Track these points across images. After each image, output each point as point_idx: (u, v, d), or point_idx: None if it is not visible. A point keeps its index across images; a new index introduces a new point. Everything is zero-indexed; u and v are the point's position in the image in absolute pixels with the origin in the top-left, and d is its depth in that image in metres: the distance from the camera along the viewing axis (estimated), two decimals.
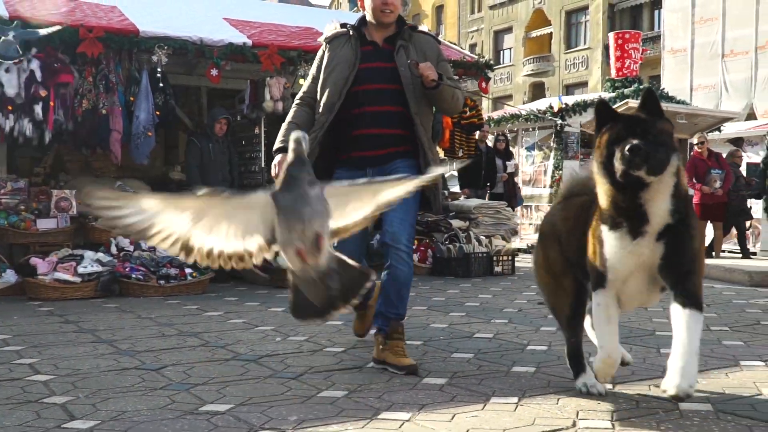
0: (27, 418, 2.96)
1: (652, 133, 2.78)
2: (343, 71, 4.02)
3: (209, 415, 2.98)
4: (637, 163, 2.71)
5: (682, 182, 2.88)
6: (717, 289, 8.06)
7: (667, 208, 2.82)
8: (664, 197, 2.81)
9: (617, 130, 2.83)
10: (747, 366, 3.98)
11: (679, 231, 2.86)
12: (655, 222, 2.84)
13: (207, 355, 4.28)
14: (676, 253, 2.87)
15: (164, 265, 7.58)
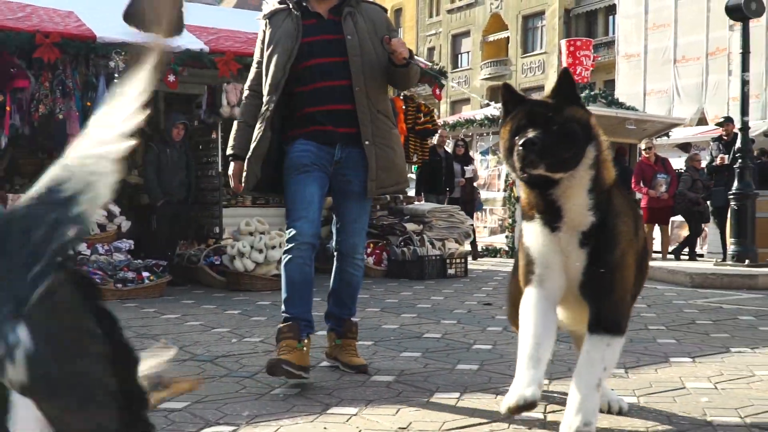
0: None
1: (558, 123, 2.42)
2: (286, 46, 3.82)
3: (166, 412, 3.13)
4: (532, 160, 2.37)
5: (604, 175, 2.52)
6: (660, 290, 8.37)
7: (584, 204, 2.49)
8: (579, 194, 2.48)
9: (518, 118, 2.48)
10: (676, 362, 4.23)
11: (602, 238, 2.52)
12: (570, 218, 2.50)
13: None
14: (596, 264, 2.51)
15: (121, 269, 7.68)
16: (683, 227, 16.36)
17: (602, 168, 2.51)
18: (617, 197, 2.59)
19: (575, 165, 2.43)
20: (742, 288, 8.55)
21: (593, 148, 2.47)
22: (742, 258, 9.75)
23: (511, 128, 2.50)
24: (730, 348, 4.70)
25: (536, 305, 2.59)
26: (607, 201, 2.53)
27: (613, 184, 2.59)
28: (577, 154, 2.43)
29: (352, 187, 3.89)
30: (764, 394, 3.45)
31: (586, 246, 2.51)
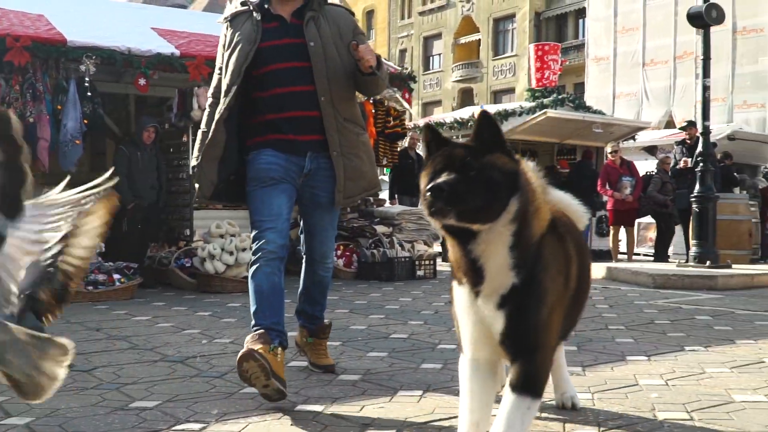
0: None
1: (476, 168, 2.18)
2: (243, 48, 3.68)
3: (138, 411, 3.24)
4: (441, 208, 2.12)
5: (529, 230, 2.27)
6: (623, 291, 8.56)
7: (504, 263, 2.25)
8: (499, 250, 2.24)
9: (436, 162, 2.26)
10: (632, 360, 4.39)
11: (524, 296, 2.29)
12: (490, 280, 2.28)
13: (136, 357, 4.52)
14: (516, 324, 2.31)
15: (92, 272, 7.73)
16: (649, 228, 16.67)
17: (530, 220, 2.26)
18: (548, 247, 2.35)
19: (494, 217, 2.17)
20: (702, 288, 8.78)
21: (518, 199, 2.20)
22: (704, 259, 9.99)
23: (429, 173, 2.26)
24: (685, 347, 4.88)
25: (471, 376, 2.49)
26: (536, 256, 2.30)
27: (546, 231, 2.36)
28: (494, 205, 2.17)
29: (321, 198, 3.82)
30: (712, 390, 3.62)
31: (503, 308, 2.29)
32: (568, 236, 2.52)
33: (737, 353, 4.67)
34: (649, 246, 16.37)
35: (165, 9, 11.30)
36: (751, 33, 27.18)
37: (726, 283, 8.86)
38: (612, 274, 10.06)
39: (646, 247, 16.42)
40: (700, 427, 2.99)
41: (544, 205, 2.34)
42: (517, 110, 14.49)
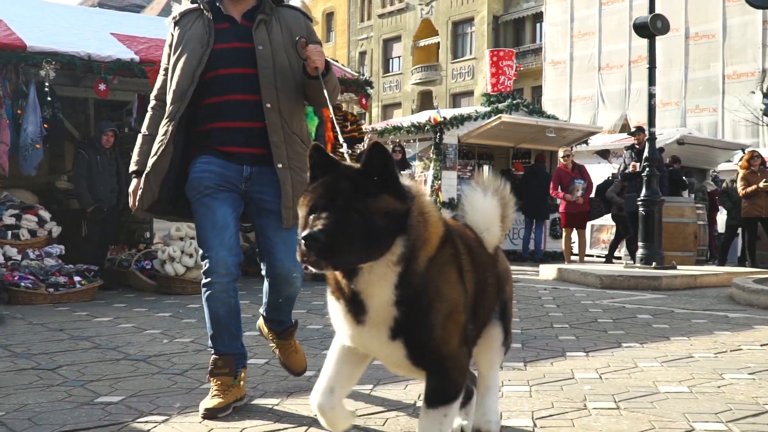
0: None
1: (359, 211, 2.07)
2: (195, 51, 3.42)
3: (103, 405, 3.44)
4: (315, 261, 2.04)
5: (416, 263, 2.19)
6: (571, 291, 8.88)
7: (388, 300, 2.19)
8: (384, 289, 2.18)
9: (318, 193, 2.14)
10: (571, 356, 4.68)
11: (413, 323, 2.22)
12: (374, 315, 2.22)
13: (99, 356, 4.69)
14: (414, 350, 2.25)
15: (53, 274, 7.86)
16: (602, 230, 17.11)
17: (418, 253, 2.18)
18: (437, 266, 2.25)
19: (375, 258, 2.11)
20: (647, 289, 9.13)
21: (403, 241, 2.13)
22: (649, 261, 10.36)
23: (307, 204, 2.16)
24: (622, 343, 5.18)
25: (342, 352, 2.50)
26: (424, 285, 2.21)
27: (437, 250, 2.26)
28: (376, 250, 2.10)
29: (268, 205, 3.47)
30: (641, 383, 3.90)
31: (398, 337, 2.23)
32: (465, 251, 2.40)
33: (670, 349, 4.98)
34: (602, 248, 16.82)
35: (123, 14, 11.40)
36: (702, 39, 27.89)
37: (670, 284, 9.23)
38: (562, 275, 10.39)
39: (599, 249, 16.86)
40: (624, 414, 3.26)
41: (434, 233, 2.23)
42: (473, 115, 14.80)
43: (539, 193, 14.14)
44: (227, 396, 3.33)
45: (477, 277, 2.44)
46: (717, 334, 5.67)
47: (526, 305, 7.42)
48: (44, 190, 10.46)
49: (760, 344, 5.20)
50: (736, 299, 7.93)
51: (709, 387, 3.81)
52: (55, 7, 10.64)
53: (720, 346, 5.09)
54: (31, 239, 8.58)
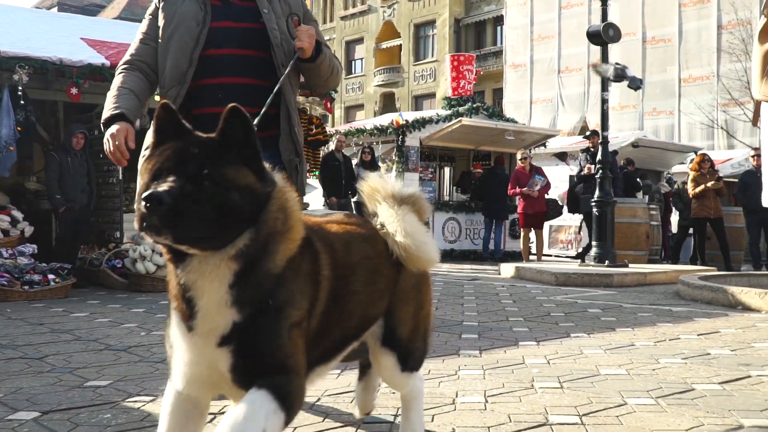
0: None
1: (213, 181, 1.75)
2: (190, 30, 3.19)
3: (93, 388, 3.74)
4: (154, 224, 1.70)
5: (269, 268, 1.88)
6: (528, 288, 9.30)
7: (219, 301, 1.83)
8: (214, 286, 1.83)
9: (166, 156, 1.80)
10: (523, 345, 5.07)
11: (253, 330, 1.86)
12: (203, 318, 1.85)
13: (82, 347, 4.98)
14: (247, 361, 1.86)
15: (27, 272, 8.09)
16: (560, 231, 17.61)
17: (273, 252, 1.88)
18: (292, 271, 1.94)
19: (217, 246, 1.80)
20: (599, 285, 9.58)
21: (250, 233, 1.82)
22: (603, 259, 10.83)
23: (151, 168, 1.82)
24: (571, 334, 5.59)
25: (173, 411, 2.01)
26: (277, 287, 1.90)
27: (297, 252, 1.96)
28: (223, 234, 1.78)
29: None
30: (584, 366, 4.30)
31: (226, 346, 1.85)
32: (327, 260, 2.10)
33: (614, 338, 5.40)
34: (560, 247, 17.34)
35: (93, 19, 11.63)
36: (659, 43, 28.55)
37: (621, 281, 9.69)
38: (519, 273, 10.81)
39: (557, 248, 17.38)
40: (567, 392, 3.64)
41: (295, 232, 1.94)
42: (434, 118, 15.21)
43: (499, 195, 14.59)
44: None
45: (337, 288, 2.12)
46: (659, 325, 6.10)
47: (483, 301, 7.81)
48: (13, 191, 10.64)
49: (697, 334, 5.64)
50: (682, 295, 8.39)
51: (644, 370, 4.21)
52: (26, 12, 10.87)
53: (660, 336, 5.51)
54: (4, 239, 8.79)
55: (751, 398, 3.53)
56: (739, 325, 6.14)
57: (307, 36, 3.18)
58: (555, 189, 15.48)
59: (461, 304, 7.49)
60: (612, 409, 3.30)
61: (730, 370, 4.20)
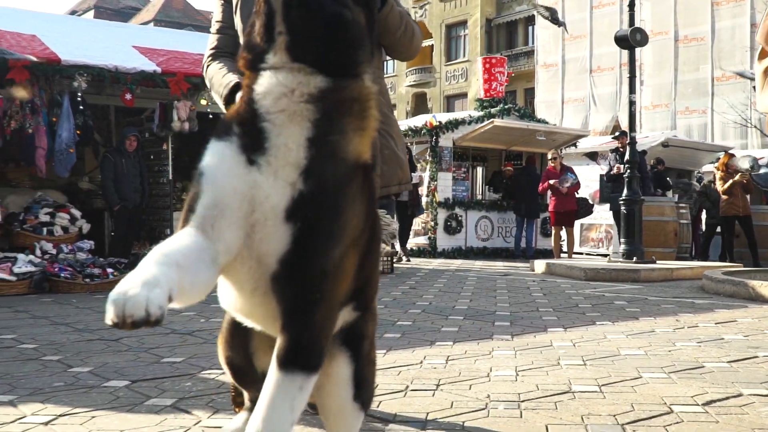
0: (25, 368, 4.16)
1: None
2: None
3: (170, 363, 4.26)
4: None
5: (341, 144, 1.72)
6: (558, 283, 9.71)
7: (301, 143, 1.69)
8: (297, 127, 1.69)
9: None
10: (551, 331, 5.52)
11: (318, 213, 1.67)
12: (280, 153, 1.68)
13: (150, 331, 5.50)
14: (303, 250, 1.67)
15: (88, 266, 8.67)
16: (591, 229, 17.97)
17: (344, 131, 1.72)
18: (357, 182, 1.76)
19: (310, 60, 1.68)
20: (627, 280, 9.98)
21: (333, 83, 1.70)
22: (631, 255, 11.22)
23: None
24: (596, 322, 6.03)
25: (189, 242, 1.65)
26: (343, 180, 1.71)
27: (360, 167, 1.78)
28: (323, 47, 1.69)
29: None
30: (606, 348, 4.74)
31: (293, 219, 1.66)
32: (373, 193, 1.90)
33: (636, 326, 5.83)
34: (591, 246, 17.69)
35: (143, 28, 12.23)
36: (692, 42, 28.68)
37: (648, 276, 10.08)
38: (550, 269, 11.22)
39: (588, 246, 17.73)
40: (589, 368, 4.10)
41: (370, 129, 1.80)
42: (467, 119, 15.64)
43: (530, 193, 15.01)
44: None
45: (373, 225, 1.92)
46: (680, 315, 6.51)
47: (515, 294, 8.25)
48: (68, 191, 11.25)
49: (714, 323, 6.05)
50: (706, 289, 8.77)
51: (661, 351, 4.65)
52: (80, 22, 11.51)
53: (679, 324, 5.93)
54: (64, 235, 9.39)
55: (754, 374, 3.96)
56: (756, 315, 6.54)
57: None
58: (585, 188, 15.86)
59: (494, 297, 7.93)
60: (628, 381, 3.75)
61: (740, 352, 4.63)
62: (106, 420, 3.08)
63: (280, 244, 1.66)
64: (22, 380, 3.85)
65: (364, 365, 2.05)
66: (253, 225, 1.67)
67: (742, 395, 3.46)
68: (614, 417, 3.08)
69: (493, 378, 3.84)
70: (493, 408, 3.24)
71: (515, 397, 3.41)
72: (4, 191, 10.25)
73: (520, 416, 3.10)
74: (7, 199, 9.83)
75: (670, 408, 3.22)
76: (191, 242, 1.64)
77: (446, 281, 9.82)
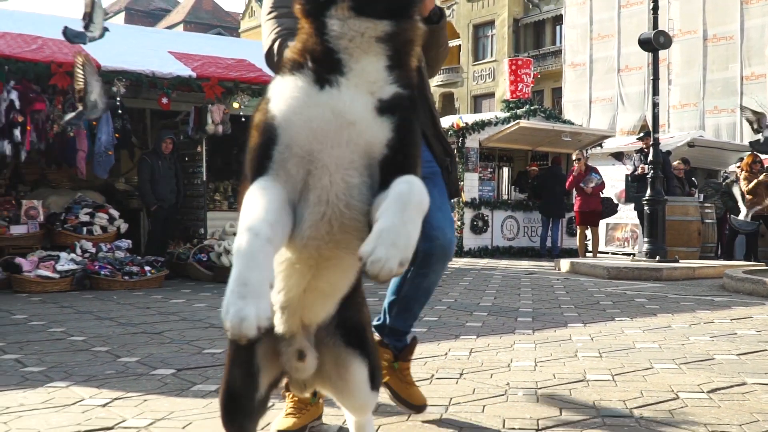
0: (71, 360, 4.49)
1: None
2: None
3: (211, 354, 4.57)
4: None
5: (409, 79, 1.85)
6: (581, 281, 9.93)
7: (381, 68, 1.81)
8: (374, 57, 1.80)
9: None
10: (571, 326, 5.77)
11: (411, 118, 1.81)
12: (359, 73, 1.79)
13: (190, 325, 5.83)
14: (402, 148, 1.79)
15: (127, 264, 9.03)
16: (617, 228, 18.12)
17: (407, 57, 1.86)
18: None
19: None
20: (649, 279, 10.18)
21: (394, 26, 1.81)
22: (654, 254, 11.41)
23: None
24: (616, 318, 6.26)
25: (272, 198, 1.75)
26: (413, 99, 1.85)
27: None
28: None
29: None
30: (622, 342, 4.99)
31: (387, 114, 1.79)
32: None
33: (654, 322, 6.06)
34: (617, 245, 17.85)
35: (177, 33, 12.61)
36: (721, 41, 28.62)
37: (670, 275, 10.27)
38: (574, 267, 11.44)
39: (614, 246, 17.89)
40: (604, 360, 4.35)
41: (412, 63, 1.90)
42: (493, 120, 15.87)
43: (556, 193, 15.23)
44: (303, 416, 2.96)
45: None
46: (698, 312, 6.73)
47: (539, 292, 8.49)
48: (104, 191, 11.64)
49: (730, 319, 6.26)
50: (726, 287, 8.95)
51: (674, 344, 4.89)
52: (119, 28, 11.84)
53: (696, 320, 6.15)
54: (102, 234, 9.76)
55: (761, 365, 4.20)
56: None
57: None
58: (611, 188, 16.04)
59: (518, 294, 8.18)
60: (640, 371, 4.00)
61: (750, 345, 4.86)
62: (157, 403, 3.39)
63: (383, 134, 1.77)
64: (76, 368, 4.18)
65: (374, 355, 2.17)
66: (335, 135, 1.76)
67: (746, 384, 3.70)
68: (624, 402, 3.34)
69: (513, 368, 4.10)
70: (512, 394, 3.50)
71: (533, 385, 3.68)
72: (46, 192, 10.66)
73: (537, 401, 3.37)
74: (49, 199, 10.24)
75: (676, 395, 3.47)
76: (274, 197, 1.74)
77: (472, 279, 10.07)
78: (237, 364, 2.05)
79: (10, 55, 9.00)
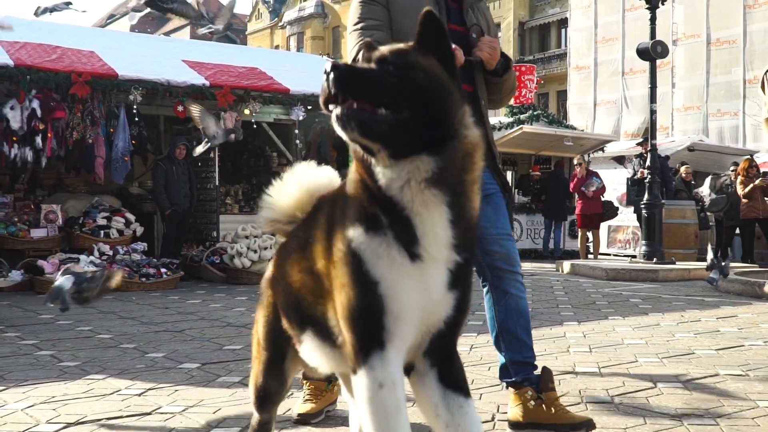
0: (101, 356, 4.88)
1: (395, 64, 1.67)
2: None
3: (232, 350, 4.95)
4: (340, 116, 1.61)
5: (468, 201, 1.73)
6: (579, 282, 10.30)
7: (444, 225, 1.69)
8: (435, 208, 1.67)
9: (364, 54, 1.77)
10: (566, 324, 6.15)
11: (467, 282, 1.82)
12: (432, 242, 1.68)
13: (208, 324, 6.22)
14: (461, 309, 1.81)
15: (143, 266, 9.43)
16: (619, 231, 18.47)
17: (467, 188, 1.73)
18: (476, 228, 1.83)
19: (408, 141, 1.64)
20: (646, 280, 10.53)
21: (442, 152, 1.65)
22: (651, 256, 11.77)
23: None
24: (609, 317, 6.64)
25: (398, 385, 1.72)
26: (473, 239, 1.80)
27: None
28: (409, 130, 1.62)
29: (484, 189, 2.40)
30: (612, 339, 5.36)
31: (454, 288, 1.77)
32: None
33: (644, 320, 6.44)
34: (618, 247, 18.20)
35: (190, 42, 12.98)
36: (724, 44, 28.91)
37: (666, 276, 10.63)
38: (574, 269, 11.80)
39: (616, 248, 18.24)
40: (593, 354, 4.73)
41: (478, 184, 1.77)
42: (497, 125, 16.22)
43: (558, 197, 15.60)
44: (320, 401, 3.29)
45: None
46: (687, 311, 7.10)
47: (539, 292, 8.86)
48: (119, 195, 12.03)
49: (716, 317, 6.64)
50: (718, 288, 9.30)
51: (660, 341, 5.27)
52: (133, 37, 12.26)
53: (684, 319, 6.53)
54: (119, 237, 10.17)
55: (736, 358, 4.57)
56: (756, 312, 7.11)
57: (489, 47, 3.00)
58: (613, 191, 16.39)
59: None
60: (624, 365, 4.38)
61: (730, 342, 5.23)
62: (187, 393, 3.78)
63: (446, 311, 1.77)
64: (108, 363, 4.57)
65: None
66: (426, 307, 1.73)
67: (719, 375, 4.08)
68: (606, 391, 3.72)
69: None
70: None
71: None
72: (64, 196, 11.06)
73: None
74: (68, 204, 10.64)
75: (654, 384, 3.85)
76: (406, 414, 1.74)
77: (474, 280, 10.36)
78: (271, 375, 2.27)
79: (32, 65, 9.40)
